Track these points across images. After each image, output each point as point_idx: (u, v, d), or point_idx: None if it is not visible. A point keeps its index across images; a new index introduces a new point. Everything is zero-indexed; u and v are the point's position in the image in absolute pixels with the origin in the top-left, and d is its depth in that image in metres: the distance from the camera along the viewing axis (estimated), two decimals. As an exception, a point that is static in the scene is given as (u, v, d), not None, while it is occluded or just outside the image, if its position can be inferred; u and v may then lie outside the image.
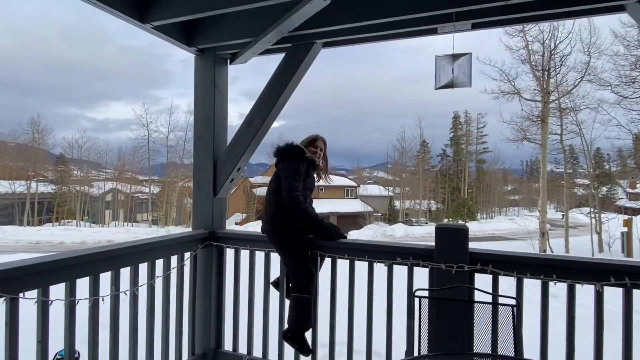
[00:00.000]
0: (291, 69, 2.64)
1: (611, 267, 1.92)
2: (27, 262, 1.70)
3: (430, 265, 2.21)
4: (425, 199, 45.16)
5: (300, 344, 2.44)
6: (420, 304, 1.90)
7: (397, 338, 2.37)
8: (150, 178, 41.85)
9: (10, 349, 1.62)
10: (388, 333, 2.38)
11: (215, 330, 2.82)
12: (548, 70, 20.14)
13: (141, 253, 2.29)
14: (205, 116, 2.86)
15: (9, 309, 1.62)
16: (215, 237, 2.82)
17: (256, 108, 2.72)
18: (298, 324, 2.42)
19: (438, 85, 2.15)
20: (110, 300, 2.08)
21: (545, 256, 2.14)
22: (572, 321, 2.01)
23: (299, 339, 2.43)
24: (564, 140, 21.72)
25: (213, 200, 2.86)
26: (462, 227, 2.20)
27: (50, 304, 1.76)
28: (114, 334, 2.12)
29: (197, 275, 2.76)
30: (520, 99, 21.00)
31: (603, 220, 21.39)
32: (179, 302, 2.59)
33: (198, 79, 2.89)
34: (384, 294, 2.37)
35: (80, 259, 1.91)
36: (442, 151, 50.79)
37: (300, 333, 2.43)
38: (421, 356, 1.73)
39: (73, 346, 1.90)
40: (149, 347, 2.36)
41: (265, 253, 2.67)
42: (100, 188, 40.45)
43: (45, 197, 37.75)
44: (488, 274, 2.12)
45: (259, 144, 2.81)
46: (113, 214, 40.54)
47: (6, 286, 1.59)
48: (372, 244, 2.50)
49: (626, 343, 1.90)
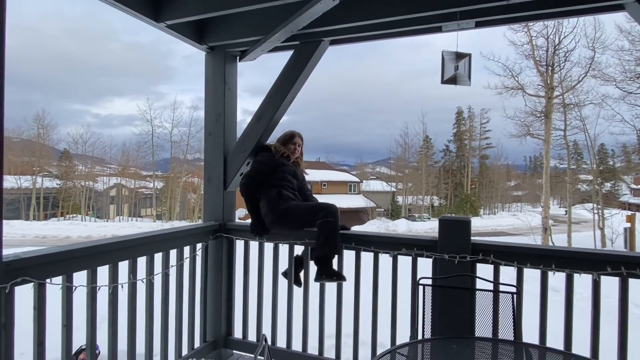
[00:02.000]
0: (299, 66, 2.72)
1: (608, 258, 2.00)
2: (53, 250, 1.80)
3: (434, 255, 2.30)
4: (428, 195, 45.20)
5: (328, 270, 2.45)
6: (424, 292, 1.99)
7: (401, 327, 2.46)
8: (154, 173, 42.08)
9: (38, 332, 1.72)
10: (392, 322, 2.47)
11: (226, 318, 2.93)
12: (552, 65, 20.07)
13: (156, 243, 2.39)
14: (216, 112, 2.95)
15: (37, 294, 1.73)
16: (225, 228, 2.91)
17: (265, 104, 2.80)
18: (325, 249, 2.45)
19: (444, 79, 2.22)
20: (128, 287, 2.19)
21: (545, 247, 2.22)
22: (570, 309, 2.10)
23: (327, 265, 2.46)
24: (567, 136, 21.71)
25: (223, 194, 2.96)
26: (464, 218, 2.28)
27: (75, 289, 1.87)
28: (132, 320, 2.23)
29: (209, 265, 2.86)
30: (523, 95, 20.98)
31: (606, 216, 21.39)
32: (192, 291, 2.70)
33: (208, 76, 2.97)
34: (388, 284, 2.47)
35: (100, 247, 2.01)
36: (445, 147, 50.78)
37: (328, 260, 2.47)
38: (425, 339, 1.83)
39: (94, 331, 2.01)
40: (164, 332, 2.47)
41: (274, 245, 2.77)
42: (105, 183, 40.71)
43: (51, 192, 38.09)
44: (489, 264, 2.20)
45: (268, 139, 2.90)
46: (117, 208, 40.85)
47: (34, 272, 1.69)
48: (377, 235, 2.59)
49: (621, 329, 1.98)
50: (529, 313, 2.19)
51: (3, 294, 1.56)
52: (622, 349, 1.98)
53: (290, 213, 2.59)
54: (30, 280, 1.67)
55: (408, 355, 1.59)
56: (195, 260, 2.71)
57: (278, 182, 2.66)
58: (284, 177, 2.69)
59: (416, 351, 1.64)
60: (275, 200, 2.61)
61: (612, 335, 2.01)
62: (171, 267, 2.49)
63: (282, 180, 2.67)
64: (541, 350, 1.71)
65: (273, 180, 2.67)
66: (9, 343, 1.59)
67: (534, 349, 1.68)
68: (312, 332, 2.69)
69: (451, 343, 1.70)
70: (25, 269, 1.65)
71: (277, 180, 2.67)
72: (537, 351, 1.69)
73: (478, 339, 1.80)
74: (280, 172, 2.69)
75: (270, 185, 2.66)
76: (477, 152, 49.94)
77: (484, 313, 1.96)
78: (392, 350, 1.55)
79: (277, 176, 2.68)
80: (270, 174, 2.67)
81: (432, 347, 1.69)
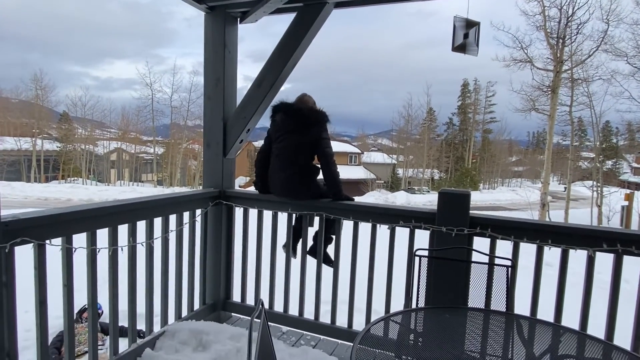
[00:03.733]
0: (302, 29, 2.62)
1: (604, 234, 2.01)
2: (52, 212, 1.81)
3: (432, 228, 2.31)
4: (429, 168, 45.17)
5: (322, 253, 2.69)
6: (420, 263, 2.02)
7: (396, 296, 2.52)
8: (155, 139, 41.86)
9: (40, 291, 1.76)
10: (387, 292, 2.52)
11: (225, 282, 2.99)
12: (563, 38, 19.45)
13: (156, 208, 2.40)
14: (215, 76, 2.87)
15: (37, 254, 1.75)
16: (225, 196, 2.92)
17: (266, 69, 2.72)
18: (326, 243, 2.71)
19: (454, 46, 2.14)
20: (127, 250, 2.21)
21: (542, 222, 2.23)
22: (562, 283, 2.13)
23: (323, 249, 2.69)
24: (573, 112, 21.37)
25: (223, 161, 2.94)
26: (464, 192, 2.28)
27: (74, 251, 1.89)
28: (132, 282, 2.27)
29: (208, 231, 2.89)
30: (532, 68, 20.45)
31: (605, 194, 21.47)
32: (191, 256, 2.74)
33: (208, 38, 2.87)
34: (385, 255, 2.50)
35: (100, 210, 2.02)
36: (449, 120, 50.14)
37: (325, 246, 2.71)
38: (418, 308, 1.87)
39: (95, 292, 2.05)
40: (164, 295, 2.53)
41: (273, 213, 2.78)
42: (105, 147, 40.57)
43: (51, 154, 38.02)
44: (486, 237, 2.22)
45: (268, 105, 2.84)
46: (118, 173, 40.96)
47: (34, 233, 1.70)
48: (376, 206, 2.59)
49: (612, 304, 2.02)
50: (522, 288, 2.23)
51: (3, 253, 1.58)
52: (611, 322, 2.02)
53: (314, 187, 2.68)
54: (29, 240, 1.68)
55: (401, 323, 1.62)
56: (194, 226, 2.74)
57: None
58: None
59: (409, 319, 1.68)
60: (314, 174, 2.68)
61: (602, 310, 2.05)
62: (170, 231, 2.51)
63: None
64: (531, 322, 1.75)
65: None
66: (11, 301, 1.62)
67: (525, 320, 1.72)
68: (308, 298, 2.75)
69: (444, 312, 1.73)
70: (25, 230, 1.66)
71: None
72: (527, 322, 1.73)
73: (470, 309, 1.84)
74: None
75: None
76: (480, 126, 49.39)
77: (478, 285, 2.00)
78: (386, 317, 1.58)
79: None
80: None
81: (425, 315, 1.72)
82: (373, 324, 1.50)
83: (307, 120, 2.56)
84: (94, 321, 2.08)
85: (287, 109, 2.62)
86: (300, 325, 2.79)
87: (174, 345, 2.40)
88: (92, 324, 2.06)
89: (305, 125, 2.56)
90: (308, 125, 2.56)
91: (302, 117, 2.56)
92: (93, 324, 2.07)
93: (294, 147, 2.60)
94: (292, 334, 2.85)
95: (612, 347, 1.50)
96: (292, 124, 2.58)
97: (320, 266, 2.70)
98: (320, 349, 2.61)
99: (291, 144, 2.60)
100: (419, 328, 1.63)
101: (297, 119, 2.57)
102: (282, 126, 2.62)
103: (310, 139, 2.57)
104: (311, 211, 2.64)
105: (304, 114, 2.57)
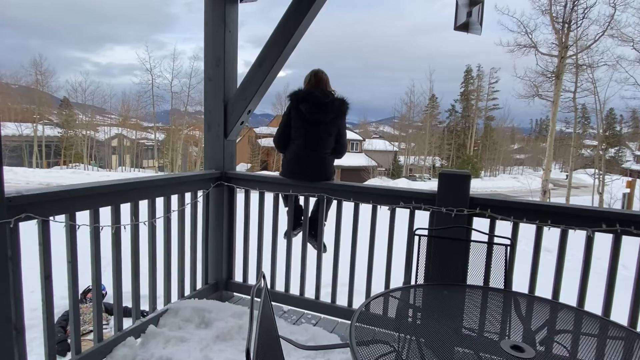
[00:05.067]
0: (303, 9, 2.57)
1: (603, 215, 2.02)
2: (55, 189, 1.82)
3: (432, 208, 2.32)
4: (430, 155, 45.02)
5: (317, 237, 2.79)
6: (420, 242, 2.04)
7: (396, 278, 2.54)
8: (155, 125, 41.71)
9: (44, 266, 1.79)
10: (387, 274, 2.55)
11: (227, 262, 3.03)
12: (569, 22, 19.13)
13: (158, 188, 2.41)
14: (216, 56, 2.85)
15: (41, 230, 1.77)
16: (226, 177, 2.93)
17: (267, 49, 2.69)
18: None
19: (456, 25, 2.11)
20: (130, 229, 2.23)
21: (542, 202, 2.24)
22: (561, 264, 2.15)
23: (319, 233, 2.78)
24: (577, 98, 21.17)
25: (224, 142, 2.93)
26: (464, 172, 2.28)
27: (78, 228, 1.91)
28: (135, 261, 2.30)
29: (210, 212, 2.91)
30: (536, 53, 20.18)
31: (607, 182, 21.43)
32: (193, 236, 2.76)
33: (208, 18, 2.84)
34: (385, 237, 2.52)
35: (102, 189, 2.03)
36: (451, 106, 49.72)
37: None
38: (417, 285, 1.89)
39: (99, 270, 2.08)
40: (167, 274, 2.57)
41: (274, 195, 2.79)
42: (106, 133, 40.45)
43: (52, 140, 37.97)
44: (486, 217, 2.23)
45: (269, 87, 2.82)
46: (119, 159, 40.96)
47: (38, 209, 1.72)
48: (377, 187, 2.60)
49: (609, 284, 2.04)
50: (521, 272, 2.25)
51: (7, 228, 1.59)
52: (608, 303, 2.05)
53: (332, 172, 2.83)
54: (33, 217, 1.70)
55: (400, 298, 1.65)
56: (196, 207, 2.75)
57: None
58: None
59: (408, 295, 1.71)
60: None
61: (600, 294, 2.08)
62: (172, 211, 2.53)
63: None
64: (529, 299, 1.78)
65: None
66: (17, 275, 1.65)
67: (522, 297, 1.75)
68: (309, 279, 2.79)
69: (442, 289, 1.76)
70: (28, 206, 1.68)
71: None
72: (525, 299, 1.75)
73: (469, 287, 1.86)
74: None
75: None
76: (483, 113, 49.00)
77: (477, 264, 2.02)
78: (385, 293, 1.61)
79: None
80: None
81: (424, 292, 1.75)
82: (372, 298, 1.53)
83: (335, 112, 2.67)
84: (98, 299, 2.12)
85: (315, 101, 2.62)
86: (301, 304, 2.83)
87: (177, 322, 2.45)
88: (97, 302, 2.10)
89: (333, 114, 2.67)
90: (335, 116, 2.68)
91: (331, 110, 2.65)
92: (97, 302, 2.10)
93: (323, 132, 2.69)
94: (293, 312, 2.90)
95: (608, 323, 1.52)
96: (321, 115, 2.64)
97: (320, 244, 2.72)
98: (320, 326, 2.65)
99: (321, 129, 2.68)
100: (417, 303, 1.66)
101: (327, 112, 2.64)
102: (310, 116, 2.62)
103: (335, 130, 2.73)
104: (312, 192, 2.65)
105: (334, 107, 2.66)
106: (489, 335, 1.46)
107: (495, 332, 1.49)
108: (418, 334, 1.46)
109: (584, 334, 1.50)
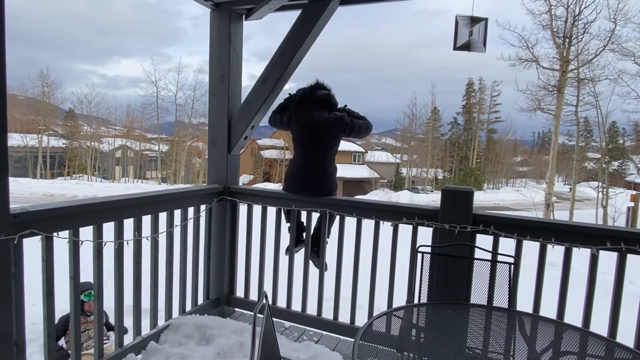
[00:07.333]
0: (307, 26, 2.63)
1: (608, 233, 2.01)
2: (59, 205, 1.83)
3: (435, 225, 2.31)
4: (433, 168, 45.02)
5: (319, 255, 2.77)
6: (423, 259, 2.03)
7: (399, 294, 2.52)
8: (159, 136, 42.05)
9: (47, 282, 1.79)
10: (390, 289, 2.53)
11: (229, 277, 3.02)
12: (570, 37, 19.28)
13: (161, 203, 2.42)
14: (220, 73, 2.89)
15: (44, 247, 1.77)
16: (229, 192, 2.94)
17: (271, 66, 2.73)
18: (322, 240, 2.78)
19: (456, 45, 2.14)
20: (133, 244, 2.24)
21: (546, 220, 2.23)
22: (565, 282, 2.12)
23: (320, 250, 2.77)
24: (579, 112, 21.20)
25: (227, 157, 2.95)
26: (467, 189, 2.28)
27: (81, 244, 1.91)
28: (137, 276, 2.29)
29: (212, 226, 2.91)
30: (537, 67, 20.29)
31: (611, 195, 21.28)
32: (195, 251, 2.76)
33: (213, 35, 2.89)
34: (388, 252, 2.50)
35: (106, 204, 2.04)
36: (454, 119, 49.90)
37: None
38: (420, 304, 1.88)
39: (101, 285, 2.08)
40: (168, 289, 2.56)
41: (277, 210, 2.80)
42: (110, 144, 40.81)
43: (57, 151, 38.27)
44: (489, 234, 2.22)
45: (273, 102, 2.85)
46: (123, 170, 41.18)
47: (42, 225, 1.73)
48: (379, 203, 2.60)
49: (615, 303, 2.02)
50: (525, 286, 2.22)
51: (12, 244, 1.60)
52: (614, 321, 2.02)
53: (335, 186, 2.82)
54: (37, 233, 1.71)
55: (403, 318, 1.64)
56: (199, 222, 2.76)
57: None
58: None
59: (411, 314, 1.69)
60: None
61: (605, 311, 2.05)
62: (175, 226, 2.53)
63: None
64: (534, 318, 1.76)
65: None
66: (19, 292, 1.65)
67: (527, 317, 1.73)
68: (311, 295, 2.77)
69: (446, 308, 1.74)
70: (33, 222, 1.69)
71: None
72: (529, 319, 1.73)
73: (473, 306, 1.85)
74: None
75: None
76: (485, 126, 49.15)
77: (481, 282, 2.00)
78: (388, 312, 1.59)
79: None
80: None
81: (428, 311, 1.73)
82: (375, 318, 1.51)
83: (333, 105, 2.77)
84: (100, 314, 2.11)
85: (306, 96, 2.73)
86: (303, 320, 2.81)
87: (178, 338, 2.43)
88: (98, 317, 2.09)
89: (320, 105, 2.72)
90: (327, 110, 2.73)
91: (329, 103, 2.75)
92: (99, 317, 2.09)
93: (323, 129, 2.71)
94: (294, 329, 2.87)
95: (614, 345, 1.50)
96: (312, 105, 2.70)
97: (322, 263, 2.71)
98: (322, 344, 2.62)
99: (321, 128, 2.71)
100: (421, 323, 1.64)
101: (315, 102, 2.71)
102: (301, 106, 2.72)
103: (335, 125, 2.75)
104: (315, 208, 2.66)
105: (328, 101, 2.75)
106: (493, 356, 1.44)
107: (499, 352, 1.47)
108: (422, 353, 1.45)
109: (590, 356, 1.48)
